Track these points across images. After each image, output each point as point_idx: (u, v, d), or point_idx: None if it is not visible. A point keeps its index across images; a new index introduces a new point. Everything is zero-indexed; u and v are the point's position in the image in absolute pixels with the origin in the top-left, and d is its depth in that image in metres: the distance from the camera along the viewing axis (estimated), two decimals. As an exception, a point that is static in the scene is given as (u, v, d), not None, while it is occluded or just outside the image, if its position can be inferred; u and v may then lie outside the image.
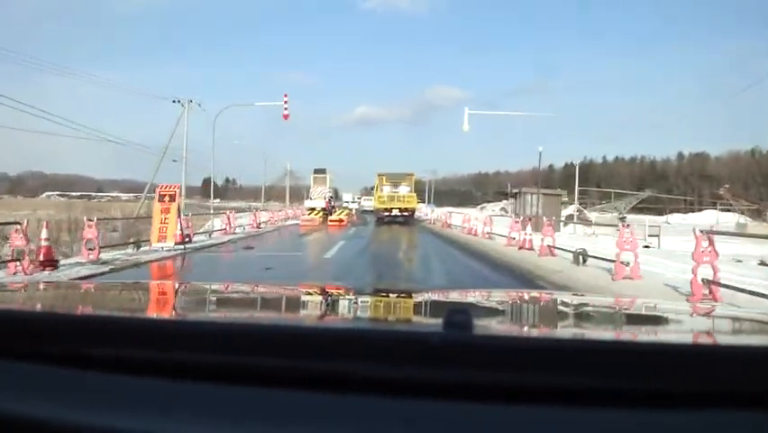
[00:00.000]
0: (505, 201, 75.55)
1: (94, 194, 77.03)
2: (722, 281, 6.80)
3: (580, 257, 10.56)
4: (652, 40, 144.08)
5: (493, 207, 68.38)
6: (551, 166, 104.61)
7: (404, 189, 31.71)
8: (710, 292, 6.79)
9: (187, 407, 0.77)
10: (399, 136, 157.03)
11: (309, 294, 1.81)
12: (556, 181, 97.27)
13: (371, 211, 35.71)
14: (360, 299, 1.63)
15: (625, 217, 39.70)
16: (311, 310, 1.57)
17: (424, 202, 67.86)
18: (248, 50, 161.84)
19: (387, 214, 30.07)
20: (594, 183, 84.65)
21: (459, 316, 0.84)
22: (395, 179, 32.22)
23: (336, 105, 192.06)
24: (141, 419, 0.75)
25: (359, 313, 1.45)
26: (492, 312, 1.51)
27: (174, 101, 28.45)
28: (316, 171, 35.35)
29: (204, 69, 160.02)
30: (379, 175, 33.05)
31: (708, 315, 1.51)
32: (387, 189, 31.69)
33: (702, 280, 6.90)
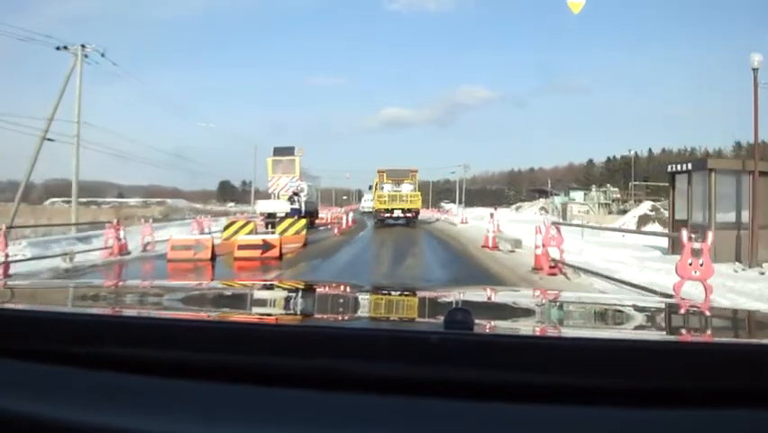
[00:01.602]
0: (542, 200, 66.62)
1: (100, 200, 70.99)
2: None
3: None
4: (680, 30, 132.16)
5: (530, 208, 58.39)
6: (590, 161, 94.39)
7: (407, 188, 27.83)
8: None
9: (187, 406, 0.79)
10: (427, 137, 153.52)
11: (310, 293, 1.81)
12: (597, 178, 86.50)
13: (371, 213, 30.38)
14: (360, 298, 1.65)
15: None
16: (311, 309, 1.56)
17: (453, 203, 59.22)
18: (270, 54, 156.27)
19: (387, 215, 26.69)
20: (640, 178, 74.17)
21: (459, 314, 0.86)
22: (397, 177, 28.44)
23: (362, 107, 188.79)
24: (140, 418, 0.77)
25: (359, 312, 1.46)
26: (493, 311, 1.51)
27: (59, 48, 19.69)
28: (278, 152, 22.15)
29: (222, 72, 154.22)
30: (379, 172, 29.01)
31: (708, 314, 1.48)
32: (387, 188, 27.87)
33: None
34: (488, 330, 1.04)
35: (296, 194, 21.60)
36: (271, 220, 18.14)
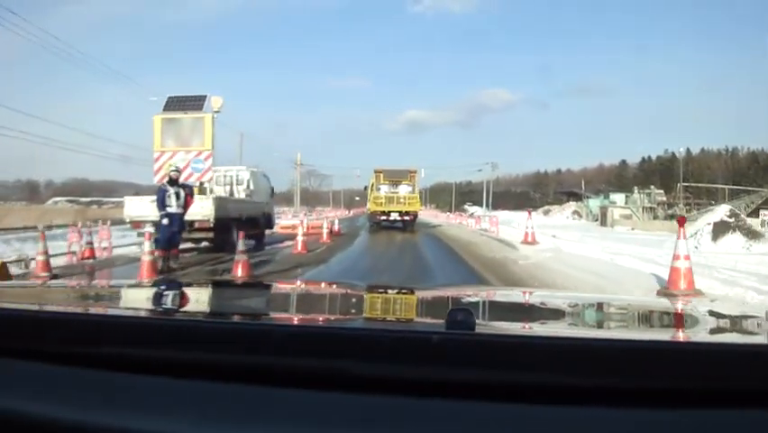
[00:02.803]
0: (574, 203, 60.84)
1: (105, 199, 68.04)
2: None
3: None
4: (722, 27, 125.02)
5: (561, 211, 52.38)
6: (623, 162, 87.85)
7: (404, 189, 26.12)
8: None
9: (188, 406, 0.81)
10: (449, 140, 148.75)
11: (310, 293, 1.83)
12: (631, 180, 79.85)
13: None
14: (361, 298, 1.65)
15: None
16: (312, 309, 1.58)
17: (477, 205, 53.73)
18: (291, 56, 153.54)
19: (384, 218, 24.94)
20: (679, 178, 67.82)
21: (460, 315, 0.87)
22: (394, 177, 26.65)
23: (383, 110, 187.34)
24: (140, 418, 0.79)
25: (360, 312, 1.46)
26: (494, 311, 1.51)
27: None
28: (172, 105, 13.01)
29: (241, 74, 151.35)
30: (375, 172, 27.35)
31: (708, 314, 1.46)
32: (384, 189, 26.15)
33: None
34: (489, 331, 1.03)
35: (182, 185, 10.50)
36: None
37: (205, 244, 12.43)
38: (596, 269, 10.04)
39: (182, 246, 10.86)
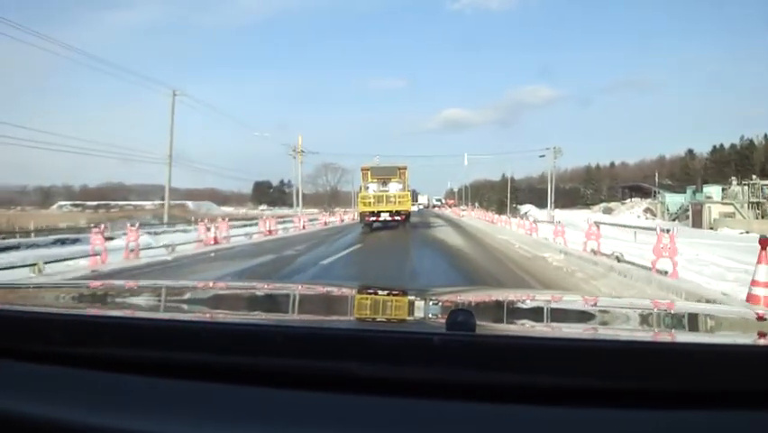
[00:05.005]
0: (641, 199, 51.49)
1: (113, 203, 64.02)
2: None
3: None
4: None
5: (630, 210, 43.16)
6: (690, 151, 77.22)
7: (395, 187, 24.32)
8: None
9: (187, 407, 0.83)
10: (489, 138, 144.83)
11: (310, 294, 1.80)
12: (698, 171, 69.17)
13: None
14: (362, 299, 1.66)
15: None
16: (312, 310, 1.60)
17: (529, 204, 45.12)
18: (330, 56, 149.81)
19: (374, 219, 23.45)
20: (758, 169, 57.65)
21: (461, 316, 0.88)
22: (383, 175, 24.80)
23: (422, 109, 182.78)
24: (140, 419, 0.82)
25: (361, 313, 1.47)
26: (495, 312, 1.52)
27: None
28: None
29: (280, 74, 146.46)
30: (363, 170, 25.87)
31: (708, 315, 1.47)
32: (373, 188, 24.39)
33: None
34: (490, 332, 1.03)
35: None
36: None
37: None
38: None
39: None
